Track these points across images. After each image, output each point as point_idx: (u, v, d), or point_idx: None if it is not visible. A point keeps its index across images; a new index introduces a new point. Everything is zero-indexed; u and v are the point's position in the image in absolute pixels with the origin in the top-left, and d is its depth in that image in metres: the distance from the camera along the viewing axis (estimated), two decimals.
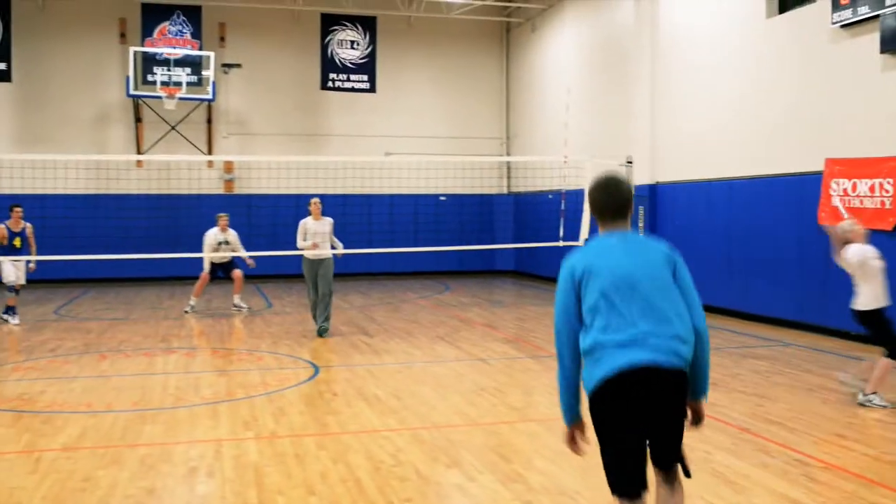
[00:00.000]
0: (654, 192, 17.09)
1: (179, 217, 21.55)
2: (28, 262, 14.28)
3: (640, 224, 11.24)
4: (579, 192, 13.03)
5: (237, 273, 16.04)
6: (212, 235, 15.83)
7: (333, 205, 21.30)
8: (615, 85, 18.67)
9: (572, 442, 4.04)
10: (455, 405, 8.43)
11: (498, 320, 14.98)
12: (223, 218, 15.98)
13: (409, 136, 23.81)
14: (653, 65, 17.33)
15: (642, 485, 3.80)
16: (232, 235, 15.97)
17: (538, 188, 21.69)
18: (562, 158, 16.74)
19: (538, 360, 10.91)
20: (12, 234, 14.23)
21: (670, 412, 3.86)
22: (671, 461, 3.98)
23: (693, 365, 3.92)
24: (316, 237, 12.70)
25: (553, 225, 17.02)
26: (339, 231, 14.31)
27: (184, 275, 20.86)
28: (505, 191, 24.91)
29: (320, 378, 9.84)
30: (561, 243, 15.37)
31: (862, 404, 8.19)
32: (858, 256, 8.18)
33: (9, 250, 14.15)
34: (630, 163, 15.80)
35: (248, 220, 21.28)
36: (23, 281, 14.48)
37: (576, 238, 14.19)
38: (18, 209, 14.44)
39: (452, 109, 24.65)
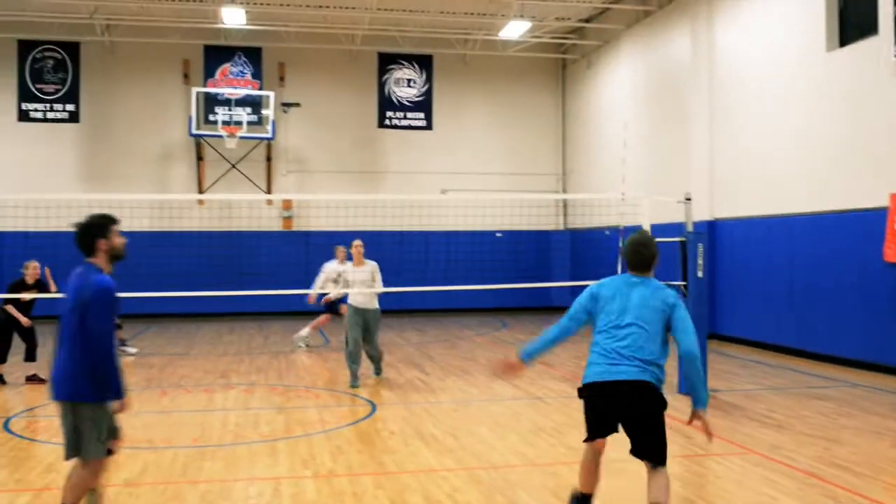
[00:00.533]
0: (712, 229, 16.89)
1: (239, 254, 21.88)
2: None
3: (700, 261, 11.14)
4: (637, 229, 12.93)
5: (344, 307, 15.92)
6: (330, 267, 15.53)
7: (390, 242, 21.46)
8: (672, 120, 18.58)
9: (505, 368, 5.90)
10: (512, 445, 8.36)
11: (555, 358, 14.84)
12: (341, 250, 15.74)
13: (466, 173, 23.92)
14: (710, 99, 17.22)
15: None
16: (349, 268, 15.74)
17: (595, 225, 21.59)
18: (619, 195, 16.64)
19: None
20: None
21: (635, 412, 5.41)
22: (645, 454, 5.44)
23: (687, 382, 5.46)
24: (355, 285, 11.99)
25: (610, 262, 16.88)
26: (395, 268, 14.40)
27: (243, 311, 21.17)
28: (561, 227, 24.83)
29: (377, 416, 9.84)
30: None
31: None
32: None
33: None
34: (689, 199, 15.64)
35: (305, 258, 21.50)
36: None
37: None
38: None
39: (509, 146, 24.73)
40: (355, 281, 12.05)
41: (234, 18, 20.42)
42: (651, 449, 5.39)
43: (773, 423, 9.27)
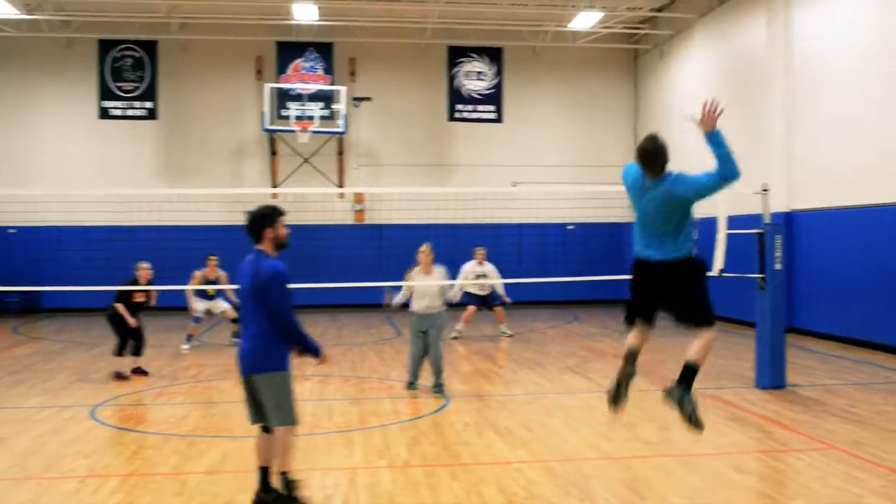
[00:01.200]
0: (790, 220, 16.54)
1: (312, 248, 22.13)
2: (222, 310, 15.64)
3: (778, 254, 10.93)
4: (711, 221, 12.65)
5: (498, 309, 16.79)
6: (468, 268, 16.38)
7: (461, 235, 21.50)
8: (748, 109, 18.21)
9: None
10: (586, 438, 8.33)
11: None
12: (480, 252, 16.54)
13: (536, 166, 23.82)
14: (787, 87, 16.85)
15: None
16: (489, 268, 16.50)
17: None
18: None
19: None
20: (208, 282, 15.42)
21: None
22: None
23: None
24: (424, 299, 10.79)
25: None
26: (466, 261, 14.40)
27: (316, 303, 21.39)
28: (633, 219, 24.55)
29: (451, 408, 9.89)
30: None
31: None
32: None
33: (203, 293, 15.45)
34: (766, 190, 15.31)
35: (379, 251, 21.71)
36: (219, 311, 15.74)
37: (709, 267, 13.77)
38: (213, 258, 15.35)
39: (580, 137, 24.55)
40: (424, 294, 10.81)
41: (306, 14, 20.69)
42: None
43: (856, 418, 9.06)
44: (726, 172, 5.71)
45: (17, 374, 12.50)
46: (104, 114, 22.42)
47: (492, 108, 23.38)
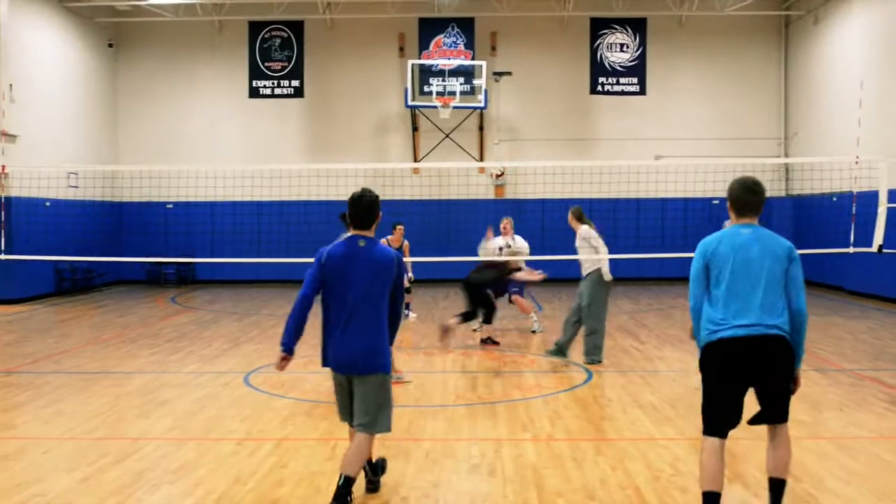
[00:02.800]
0: None
1: (452, 221, 22.33)
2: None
3: None
4: (872, 195, 12.09)
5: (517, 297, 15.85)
6: (497, 241, 15.02)
7: (602, 209, 21.24)
8: None
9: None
10: None
11: None
12: (507, 222, 15.22)
13: (680, 139, 23.24)
14: None
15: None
16: (520, 244, 15.20)
17: (821, 190, 20.38)
18: (851, 158, 15.61)
19: (824, 373, 10.27)
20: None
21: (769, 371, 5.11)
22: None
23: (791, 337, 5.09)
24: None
25: (838, 229, 15.94)
26: (607, 235, 14.18)
27: (457, 277, 21.58)
28: (782, 193, 23.64)
29: (594, 383, 9.82)
30: (851, 249, 14.29)
31: None
32: None
33: None
34: None
35: (518, 225, 21.63)
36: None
37: (868, 243, 13.15)
38: (400, 227, 15.02)
39: (726, 109, 23.77)
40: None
41: None
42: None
43: None
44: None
45: (176, 342, 13.17)
46: (254, 93, 23.20)
47: (634, 80, 22.87)
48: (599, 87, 22.94)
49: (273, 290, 21.90)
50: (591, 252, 11.10)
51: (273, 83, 23.17)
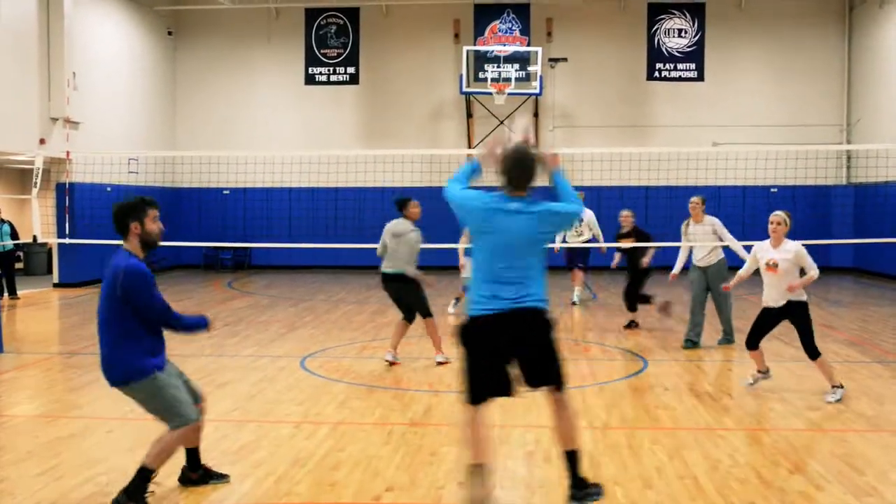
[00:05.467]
0: None
1: None
2: None
3: None
4: None
5: (576, 271, 15.62)
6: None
7: (659, 196, 21.06)
8: None
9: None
10: (795, 408, 7.98)
11: (836, 320, 13.99)
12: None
13: (738, 126, 22.88)
14: None
15: None
16: (587, 218, 15.20)
17: (886, 178, 19.92)
18: None
19: (887, 365, 10.06)
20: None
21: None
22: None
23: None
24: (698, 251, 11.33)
25: None
26: (663, 223, 14.03)
27: None
28: (843, 181, 23.15)
29: (649, 371, 9.75)
30: None
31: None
32: None
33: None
34: None
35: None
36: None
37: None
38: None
39: (785, 96, 23.33)
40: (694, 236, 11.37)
41: None
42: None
43: None
44: (573, 209, 5.51)
45: (234, 326, 13.36)
46: (310, 79, 23.35)
47: (692, 66, 22.55)
48: (656, 73, 22.68)
49: (327, 275, 22.11)
50: (715, 241, 11.19)
51: (329, 70, 23.30)
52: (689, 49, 22.44)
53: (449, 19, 23.49)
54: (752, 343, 8.54)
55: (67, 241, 17.17)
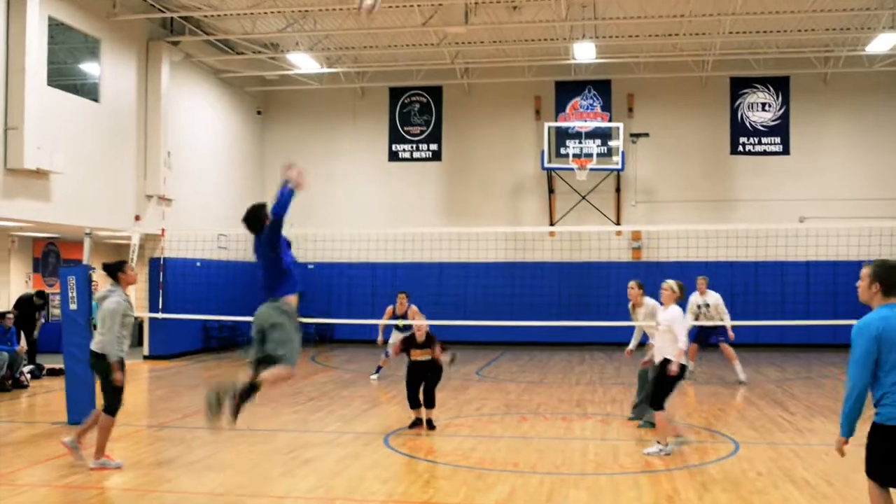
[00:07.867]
0: None
1: (589, 285, 22.14)
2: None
3: None
4: None
5: (724, 344, 15.39)
6: (692, 300, 15.25)
7: (743, 273, 20.69)
8: None
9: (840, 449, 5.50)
10: None
11: None
12: (702, 281, 15.46)
13: (826, 199, 22.42)
14: None
15: None
16: (713, 299, 15.33)
17: None
18: None
19: None
20: (396, 316, 15.15)
21: None
22: None
23: None
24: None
25: None
26: (750, 299, 13.75)
27: (593, 341, 21.32)
28: None
29: (741, 454, 9.44)
30: None
31: None
32: None
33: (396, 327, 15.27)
34: None
35: (656, 289, 21.23)
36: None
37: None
38: (403, 296, 15.21)
39: (874, 168, 22.83)
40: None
41: (585, 53, 20.71)
42: None
43: None
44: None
45: (317, 401, 13.44)
46: (393, 156, 23.83)
47: (777, 139, 22.33)
48: (740, 148, 22.51)
49: None
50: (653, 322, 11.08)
51: (412, 147, 23.75)
52: (773, 123, 22.24)
53: (530, 96, 23.78)
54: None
55: (161, 315, 17.65)
